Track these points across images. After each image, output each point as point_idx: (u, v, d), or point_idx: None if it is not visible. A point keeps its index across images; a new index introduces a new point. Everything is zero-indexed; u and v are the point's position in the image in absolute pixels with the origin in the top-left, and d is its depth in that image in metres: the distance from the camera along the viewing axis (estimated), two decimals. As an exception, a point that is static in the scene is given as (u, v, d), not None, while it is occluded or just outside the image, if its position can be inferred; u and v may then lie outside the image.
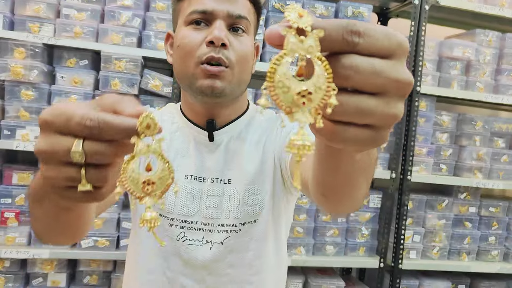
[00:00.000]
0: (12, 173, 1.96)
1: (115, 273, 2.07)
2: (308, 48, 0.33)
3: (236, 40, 0.86)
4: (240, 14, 0.86)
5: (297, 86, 0.33)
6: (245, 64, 0.87)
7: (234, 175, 0.92)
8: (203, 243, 0.90)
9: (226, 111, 0.94)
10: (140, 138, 0.40)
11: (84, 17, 1.96)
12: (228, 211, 0.90)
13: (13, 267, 1.98)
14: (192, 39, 0.84)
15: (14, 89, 1.90)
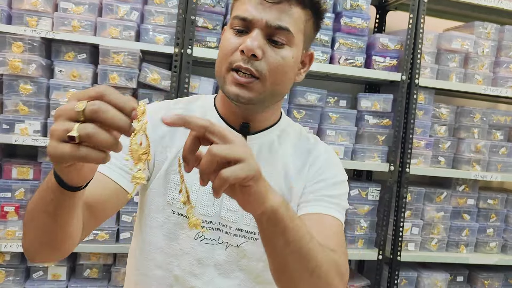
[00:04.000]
0: (12, 167, 1.97)
1: (115, 266, 2.08)
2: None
3: (273, 51, 0.83)
4: (280, 25, 0.82)
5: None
6: (280, 77, 0.84)
7: None
8: (219, 242, 0.90)
9: (261, 117, 0.92)
10: (138, 120, 0.54)
11: (82, 11, 1.96)
12: (249, 218, 0.90)
13: (14, 261, 1.99)
14: (230, 44, 0.84)
15: (13, 83, 1.90)
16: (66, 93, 1.95)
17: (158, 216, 0.92)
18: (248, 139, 0.91)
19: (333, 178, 0.94)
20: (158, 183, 0.91)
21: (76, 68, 1.97)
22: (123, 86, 1.98)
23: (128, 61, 1.97)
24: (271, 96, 0.86)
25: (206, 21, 2.07)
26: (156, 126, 0.84)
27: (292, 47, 0.85)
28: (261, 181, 0.62)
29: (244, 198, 0.61)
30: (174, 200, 0.90)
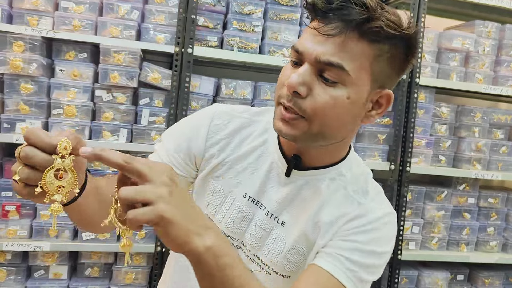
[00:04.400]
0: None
1: (116, 265, 2.09)
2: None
3: (322, 89, 0.73)
4: (331, 61, 0.71)
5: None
6: (329, 118, 0.75)
7: (290, 222, 0.85)
8: None
9: (314, 154, 0.84)
10: (58, 155, 0.60)
11: (82, 10, 1.96)
12: (268, 251, 0.86)
13: (15, 260, 1.99)
14: (282, 76, 0.78)
15: (14, 83, 1.91)
16: (67, 92, 1.95)
17: None
18: (293, 173, 0.85)
19: (366, 245, 0.80)
20: (198, 183, 0.92)
21: (77, 67, 1.97)
22: (124, 85, 1.98)
23: (129, 60, 1.97)
24: (320, 138, 0.78)
25: (206, 20, 2.07)
26: (215, 131, 0.89)
27: (348, 87, 0.74)
28: (173, 225, 0.57)
29: (161, 237, 0.60)
30: (209, 205, 0.90)
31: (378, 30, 0.70)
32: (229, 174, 0.89)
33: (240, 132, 0.90)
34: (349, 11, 0.70)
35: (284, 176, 0.85)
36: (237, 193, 0.88)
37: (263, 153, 0.89)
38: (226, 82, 2.11)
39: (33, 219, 1.96)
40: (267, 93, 2.14)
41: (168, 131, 0.95)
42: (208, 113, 0.91)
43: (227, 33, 2.07)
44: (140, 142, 2.04)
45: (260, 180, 0.87)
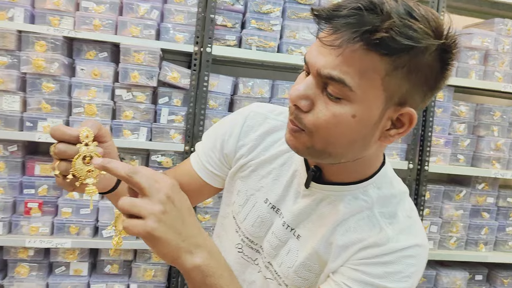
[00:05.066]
0: (35, 164, 2.00)
1: (135, 262, 2.11)
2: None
3: (324, 105, 0.67)
4: (331, 74, 0.64)
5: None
6: (332, 137, 0.68)
7: (305, 236, 0.81)
8: (255, 263, 0.89)
9: (333, 170, 0.78)
10: (82, 143, 0.67)
11: (103, 10, 1.98)
12: (281, 261, 0.83)
13: (37, 256, 2.02)
14: (294, 84, 0.72)
15: (36, 82, 1.93)
16: (87, 91, 1.97)
17: (224, 207, 0.95)
18: (313, 185, 0.80)
19: (377, 279, 0.72)
20: (228, 180, 0.93)
21: (97, 66, 1.99)
22: (144, 84, 2.00)
23: (148, 60, 1.99)
24: (326, 155, 0.71)
25: (225, 19, 2.08)
26: (247, 131, 0.89)
27: (354, 104, 0.65)
28: (162, 242, 0.61)
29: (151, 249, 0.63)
30: (234, 203, 0.91)
31: (389, 41, 0.60)
32: (252, 177, 0.88)
33: (271, 135, 0.88)
34: (358, 19, 0.61)
35: (304, 187, 0.81)
36: (259, 197, 0.87)
37: (288, 160, 0.85)
38: (244, 81, 2.11)
39: (54, 216, 1.99)
40: (284, 91, 2.14)
41: (208, 131, 0.97)
42: (243, 113, 0.91)
43: (245, 32, 2.07)
44: (159, 141, 2.05)
45: (282, 187, 0.85)
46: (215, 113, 2.09)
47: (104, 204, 2.01)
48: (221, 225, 0.96)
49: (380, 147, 0.75)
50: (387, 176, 0.80)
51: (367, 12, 0.61)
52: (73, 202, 1.98)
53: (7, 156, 1.97)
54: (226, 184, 0.94)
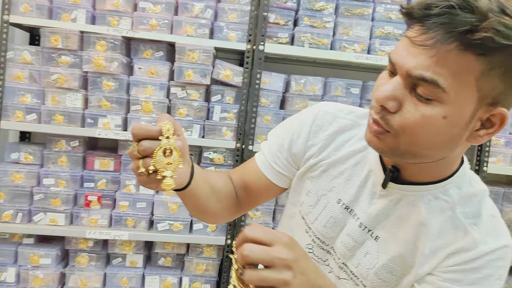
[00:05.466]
0: (94, 159, 2.09)
1: (188, 256, 2.16)
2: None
3: (412, 106, 0.65)
4: (423, 75, 0.62)
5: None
6: (419, 138, 0.66)
7: (385, 238, 0.80)
8: (325, 264, 0.88)
9: (413, 170, 0.76)
10: (163, 136, 0.68)
11: (159, 10, 2.04)
12: (358, 263, 0.82)
13: (96, 247, 2.12)
14: (377, 85, 0.71)
15: (96, 80, 2.02)
16: (144, 89, 2.04)
17: (290, 207, 0.95)
18: (390, 185, 0.79)
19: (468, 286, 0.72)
20: (295, 180, 0.92)
21: (153, 65, 2.05)
22: (198, 82, 2.04)
23: (202, 58, 2.03)
24: (411, 156, 0.70)
25: (278, 17, 2.09)
26: (317, 131, 0.88)
27: (445, 104, 0.63)
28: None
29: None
30: (303, 204, 0.90)
31: (487, 41, 0.58)
32: (324, 177, 0.87)
33: (342, 134, 0.87)
34: (452, 18, 0.59)
35: (380, 187, 0.80)
36: (331, 197, 0.86)
37: (362, 160, 0.84)
38: (296, 78, 2.11)
39: (112, 209, 2.08)
40: (337, 89, 2.12)
41: (273, 130, 0.96)
42: (312, 112, 0.90)
43: (298, 30, 2.07)
44: (212, 138, 2.09)
45: (355, 187, 0.83)
46: (267, 111, 2.11)
47: (159, 199, 2.07)
48: (287, 225, 0.95)
49: (465, 147, 0.73)
50: (466, 175, 0.78)
51: (461, 10, 0.59)
52: (130, 196, 2.06)
53: (69, 151, 2.07)
54: (293, 184, 0.93)
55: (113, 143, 2.15)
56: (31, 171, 2.03)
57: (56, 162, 2.06)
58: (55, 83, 1.99)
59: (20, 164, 2.05)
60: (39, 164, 2.07)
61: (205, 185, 0.85)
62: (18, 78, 2.00)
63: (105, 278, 2.12)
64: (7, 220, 2.02)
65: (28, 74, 2.01)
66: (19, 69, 2.00)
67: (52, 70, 1.99)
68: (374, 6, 2.11)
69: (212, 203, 0.88)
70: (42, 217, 2.04)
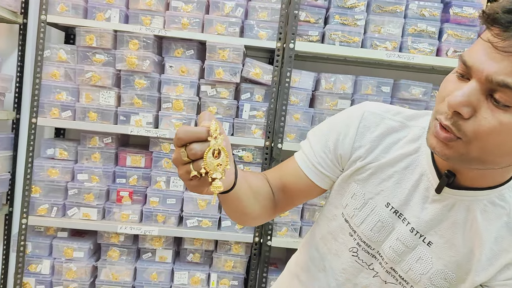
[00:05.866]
0: (126, 155, 2.14)
1: (216, 252, 2.18)
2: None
3: (489, 112, 0.63)
4: (506, 82, 0.60)
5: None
6: (493, 145, 0.65)
7: (439, 243, 0.80)
8: (370, 268, 0.87)
9: (472, 174, 0.75)
10: (212, 137, 0.65)
11: (191, 9, 2.06)
12: (408, 268, 0.82)
13: (127, 242, 2.17)
14: (445, 89, 0.69)
15: (129, 78, 2.06)
16: (175, 88, 2.07)
17: (331, 208, 0.93)
18: (444, 190, 0.78)
19: None
20: (339, 182, 0.90)
21: (184, 63, 2.08)
22: (227, 80, 2.06)
23: (232, 57, 2.04)
24: (479, 163, 0.69)
25: (308, 15, 2.08)
26: (363, 132, 0.85)
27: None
28: None
29: None
30: (347, 206, 0.88)
31: None
32: (371, 180, 0.85)
33: (390, 136, 0.84)
34: None
35: (434, 192, 0.79)
36: (379, 201, 0.84)
37: (413, 163, 0.82)
38: (326, 77, 2.10)
39: (143, 205, 2.12)
40: (368, 87, 2.10)
41: (314, 130, 0.93)
42: (357, 113, 0.87)
43: (328, 27, 2.06)
44: (241, 136, 2.10)
45: (406, 191, 0.81)
46: (296, 109, 2.10)
47: (188, 195, 2.10)
48: (325, 226, 0.93)
49: None
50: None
51: None
52: (160, 192, 2.09)
53: (102, 148, 2.12)
54: (336, 186, 0.91)
55: (144, 140, 2.19)
56: (65, 166, 2.09)
57: (90, 158, 2.11)
58: (89, 81, 2.04)
59: (55, 160, 2.12)
60: (73, 160, 2.13)
61: (247, 186, 0.83)
62: (54, 76, 2.06)
63: (135, 272, 2.16)
64: (43, 214, 2.08)
65: (63, 72, 2.07)
66: (55, 67, 2.06)
67: (87, 68, 2.04)
68: (407, 3, 2.07)
69: (252, 205, 0.86)
70: (75, 212, 2.09)
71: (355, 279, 0.88)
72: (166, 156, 2.11)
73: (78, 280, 2.13)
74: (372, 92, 2.11)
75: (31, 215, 2.07)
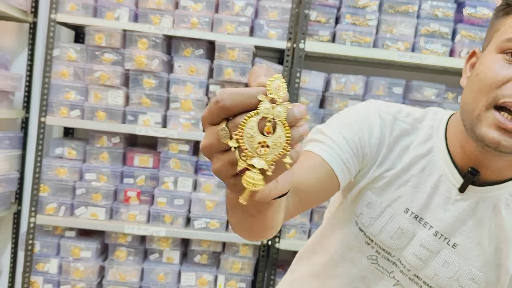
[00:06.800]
0: (134, 155, 2.13)
1: (223, 254, 2.16)
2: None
3: None
4: None
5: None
6: None
7: (464, 244, 0.79)
8: (390, 276, 0.84)
9: (497, 167, 0.76)
10: (267, 97, 0.40)
11: (200, 8, 2.05)
12: (434, 273, 0.80)
13: (134, 242, 2.16)
14: (497, 73, 0.68)
15: (137, 78, 2.05)
16: (184, 87, 2.05)
17: (341, 211, 0.88)
18: (468, 189, 0.77)
19: None
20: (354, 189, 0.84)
21: (193, 63, 2.06)
22: (236, 81, 2.04)
23: (242, 57, 2.02)
24: None
25: (319, 14, 2.05)
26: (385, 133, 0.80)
27: None
28: None
29: None
30: (362, 215, 0.84)
31: None
32: (388, 189, 0.81)
33: (402, 139, 0.81)
34: None
35: (457, 191, 0.77)
36: (397, 207, 0.81)
37: (429, 164, 0.79)
38: (337, 77, 2.07)
39: (151, 205, 2.11)
40: (379, 88, 2.07)
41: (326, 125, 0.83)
42: (374, 112, 0.82)
43: (339, 27, 2.03)
44: (250, 136, 2.08)
45: (425, 195, 0.79)
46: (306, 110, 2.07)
47: (196, 196, 2.08)
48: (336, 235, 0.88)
49: None
50: None
51: None
52: (168, 193, 2.08)
53: (110, 147, 2.12)
54: (347, 192, 0.85)
55: (152, 140, 2.17)
56: (74, 166, 2.09)
57: (98, 158, 2.11)
58: (98, 80, 2.04)
59: (63, 159, 2.11)
60: (81, 159, 2.12)
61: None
62: (63, 75, 2.06)
63: (143, 273, 2.15)
64: (51, 213, 2.08)
65: (72, 71, 2.07)
66: (64, 67, 2.06)
67: (96, 68, 2.03)
68: (419, 3, 2.04)
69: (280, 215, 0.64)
70: (83, 211, 2.09)
71: (375, 286, 0.85)
72: (174, 157, 2.09)
73: (86, 279, 2.12)
74: (384, 93, 2.07)
75: (39, 214, 2.07)
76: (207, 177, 2.09)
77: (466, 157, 0.77)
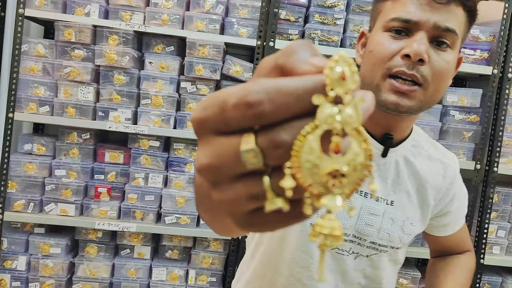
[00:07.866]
0: (105, 151, 2.13)
1: (194, 249, 2.19)
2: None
3: (437, 55, 0.77)
4: (448, 26, 0.77)
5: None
6: (442, 83, 0.80)
7: (397, 199, 0.91)
8: (350, 253, 0.90)
9: (402, 127, 0.88)
10: (327, 96, 0.25)
11: (171, 5, 2.06)
12: (386, 232, 0.89)
13: (105, 238, 2.16)
14: (387, 48, 0.78)
15: (108, 74, 2.05)
16: (155, 84, 2.06)
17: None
18: (389, 151, 0.88)
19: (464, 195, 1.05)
20: None
21: (164, 60, 2.08)
22: (207, 77, 2.06)
23: (212, 54, 2.05)
24: (428, 104, 0.81)
25: (288, 13, 2.09)
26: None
27: (454, 50, 0.80)
28: None
29: None
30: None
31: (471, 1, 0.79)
32: None
33: None
34: None
35: (380, 157, 0.88)
36: None
37: None
38: (306, 76, 2.11)
39: (121, 201, 2.11)
40: (347, 87, 2.12)
41: None
42: None
43: (308, 26, 2.07)
44: (221, 133, 2.10)
45: None
46: (276, 107, 2.11)
47: (167, 192, 2.09)
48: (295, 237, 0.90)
49: None
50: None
51: None
52: (138, 189, 2.09)
53: (80, 143, 2.11)
54: None
55: (123, 136, 2.18)
56: (43, 162, 2.07)
57: (68, 154, 2.10)
58: (67, 76, 2.03)
59: (32, 155, 2.09)
60: (51, 155, 2.11)
61: None
62: (32, 70, 2.04)
63: (113, 268, 2.15)
64: (19, 210, 2.06)
65: (41, 67, 2.05)
66: (33, 62, 2.04)
67: (65, 64, 2.02)
68: (385, 3, 2.09)
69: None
70: (53, 208, 2.08)
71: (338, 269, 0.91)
72: (145, 153, 2.10)
73: (55, 276, 2.11)
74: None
75: (7, 210, 2.05)
76: (178, 173, 2.10)
77: (378, 126, 0.86)
